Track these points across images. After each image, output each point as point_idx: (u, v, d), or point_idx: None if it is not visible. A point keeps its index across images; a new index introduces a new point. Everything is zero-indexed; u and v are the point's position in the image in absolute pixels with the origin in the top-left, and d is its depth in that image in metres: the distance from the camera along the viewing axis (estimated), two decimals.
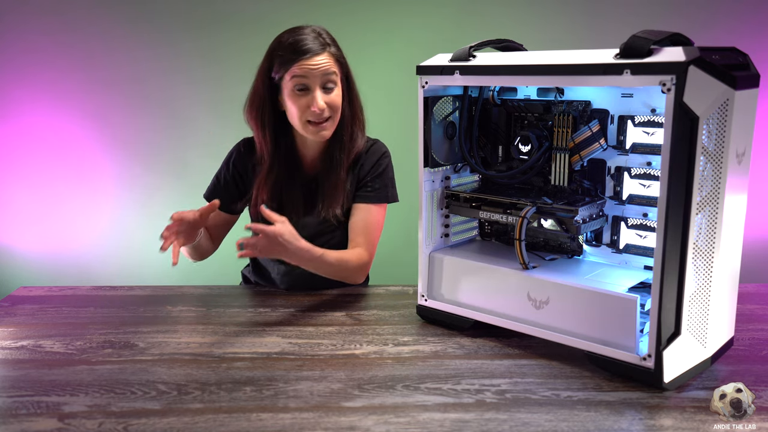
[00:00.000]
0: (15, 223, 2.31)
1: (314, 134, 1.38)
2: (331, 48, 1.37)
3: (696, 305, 0.99)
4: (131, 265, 2.34)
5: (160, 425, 0.91)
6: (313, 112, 1.35)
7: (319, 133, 1.38)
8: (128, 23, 2.17)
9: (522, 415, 0.93)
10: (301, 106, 1.35)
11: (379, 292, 1.45)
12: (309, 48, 1.33)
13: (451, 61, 1.17)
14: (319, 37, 1.36)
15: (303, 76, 1.33)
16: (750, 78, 0.98)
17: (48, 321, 1.29)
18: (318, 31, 1.37)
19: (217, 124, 2.22)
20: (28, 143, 2.25)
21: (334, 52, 1.37)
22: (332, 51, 1.37)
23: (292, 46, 1.34)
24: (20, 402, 0.97)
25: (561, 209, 1.13)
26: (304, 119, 1.37)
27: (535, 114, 1.23)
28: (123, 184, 2.29)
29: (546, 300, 1.11)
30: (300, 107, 1.35)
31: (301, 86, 1.34)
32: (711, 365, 1.05)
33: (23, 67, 2.19)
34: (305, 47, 1.33)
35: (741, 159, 1.00)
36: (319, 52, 1.34)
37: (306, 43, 1.34)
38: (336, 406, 0.96)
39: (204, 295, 1.44)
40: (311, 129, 1.38)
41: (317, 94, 1.34)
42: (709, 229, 0.97)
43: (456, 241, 1.35)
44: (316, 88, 1.34)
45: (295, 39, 1.35)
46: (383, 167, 1.49)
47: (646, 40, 0.95)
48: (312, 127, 1.37)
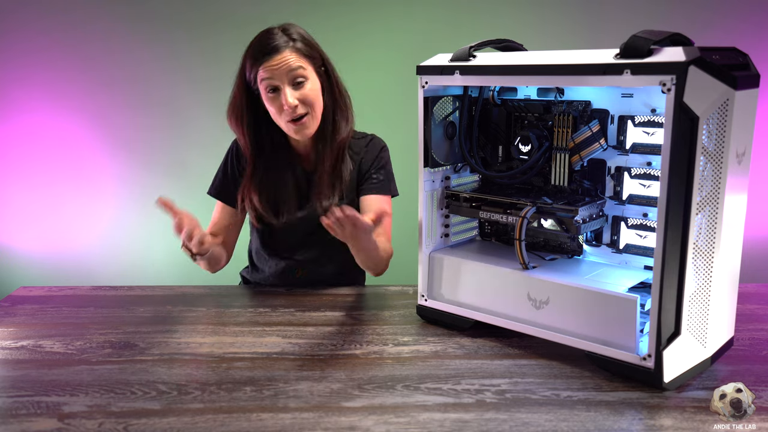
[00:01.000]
0: (15, 223, 2.31)
1: (297, 132, 1.39)
2: (296, 43, 1.36)
3: (696, 305, 0.99)
4: (131, 265, 2.34)
5: (160, 425, 0.91)
6: (287, 111, 1.35)
7: (301, 131, 1.39)
8: (128, 23, 2.17)
9: (522, 415, 0.93)
10: (277, 108, 1.36)
11: (379, 292, 1.45)
12: (271, 47, 1.33)
13: (451, 61, 1.17)
14: (283, 35, 1.35)
15: (269, 77, 1.34)
16: (750, 78, 0.98)
17: (48, 321, 1.29)
18: (284, 28, 1.37)
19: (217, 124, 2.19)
20: (28, 143, 2.25)
21: (300, 47, 1.36)
22: (297, 46, 1.35)
23: (256, 48, 1.35)
24: (20, 402, 0.97)
25: (561, 209, 1.13)
26: (283, 120, 1.38)
27: (535, 114, 1.23)
28: (123, 184, 2.29)
29: (546, 300, 1.11)
30: (276, 109, 1.36)
31: (271, 87, 1.35)
32: (711, 365, 1.05)
33: (23, 67, 2.19)
34: (267, 47, 1.34)
35: (741, 159, 1.00)
36: (281, 49, 1.33)
37: (268, 44, 1.34)
38: (336, 406, 0.96)
39: (204, 295, 1.44)
40: (293, 128, 1.38)
41: (286, 91, 1.34)
42: (709, 229, 0.97)
43: (456, 241, 1.35)
44: (285, 86, 1.34)
45: (258, 41, 1.36)
46: (385, 160, 1.51)
47: (646, 40, 0.95)
48: (293, 125, 1.38)
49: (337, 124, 1.45)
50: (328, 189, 1.43)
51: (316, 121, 1.40)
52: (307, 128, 1.39)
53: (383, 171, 1.50)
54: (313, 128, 1.40)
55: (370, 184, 1.48)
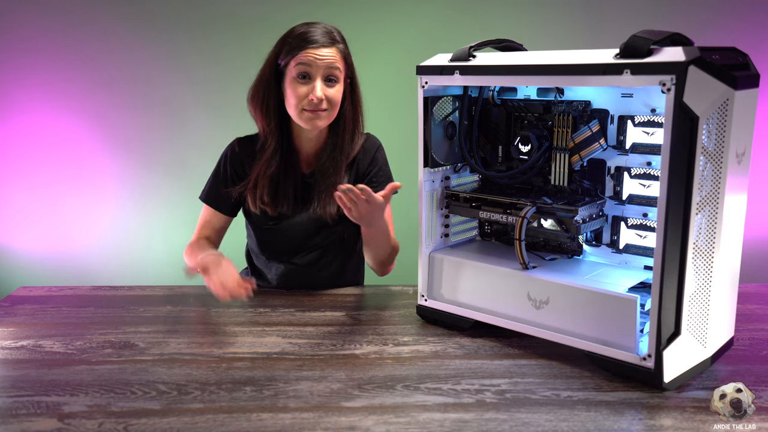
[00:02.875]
0: (15, 223, 2.31)
1: (308, 121, 1.39)
2: (340, 45, 1.39)
3: (696, 305, 0.99)
4: (131, 265, 2.34)
5: (160, 425, 0.91)
6: (311, 101, 1.35)
7: (313, 121, 1.38)
8: (128, 23, 2.17)
9: (522, 415, 0.93)
10: (300, 94, 1.36)
11: (379, 292, 1.45)
12: (317, 39, 1.35)
13: (451, 61, 1.17)
14: (330, 33, 1.38)
15: (307, 64, 1.35)
16: (750, 78, 0.98)
17: (48, 321, 1.29)
18: (330, 29, 1.39)
19: (217, 125, 2.22)
20: (28, 143, 2.25)
21: (342, 50, 1.39)
22: (340, 48, 1.39)
23: (302, 35, 1.36)
24: (20, 402, 0.97)
25: (561, 209, 1.13)
26: (300, 107, 1.37)
27: (535, 114, 1.23)
28: (123, 184, 2.28)
29: (546, 300, 1.11)
30: (299, 95, 1.36)
31: (304, 74, 1.36)
32: (711, 365, 1.05)
33: (23, 67, 2.19)
34: (314, 38, 1.35)
35: (741, 159, 1.00)
36: (327, 45, 1.36)
37: (316, 35, 1.36)
38: (336, 406, 0.96)
39: (204, 295, 1.44)
40: (306, 116, 1.38)
41: (318, 83, 1.35)
42: (709, 229, 0.97)
43: (456, 241, 1.35)
44: (318, 78, 1.36)
45: (306, 29, 1.37)
46: (382, 160, 1.52)
47: (646, 40, 0.95)
48: (307, 113, 1.38)
49: (355, 136, 1.47)
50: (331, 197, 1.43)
51: (329, 121, 1.42)
52: (320, 120, 1.39)
53: (381, 172, 1.51)
54: (323, 125, 1.40)
55: (369, 185, 1.47)
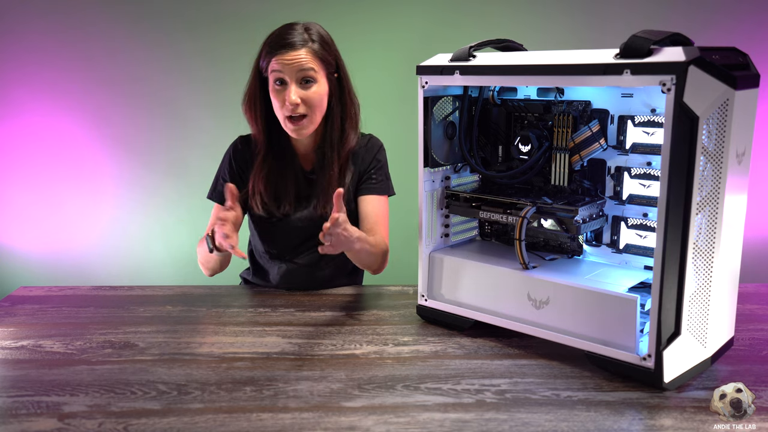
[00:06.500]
0: (15, 223, 2.31)
1: (293, 132, 1.40)
2: (314, 44, 1.36)
3: (696, 305, 0.99)
4: (131, 265, 2.34)
5: (160, 425, 0.91)
6: (287, 107, 1.36)
7: (297, 131, 1.39)
8: (128, 23, 2.17)
9: (522, 415, 0.93)
10: (280, 101, 1.37)
11: (379, 292, 1.45)
12: (288, 42, 1.34)
13: (451, 61, 1.17)
14: (304, 33, 1.36)
15: (279, 70, 1.35)
16: (750, 78, 0.98)
17: (48, 321, 1.29)
18: (307, 27, 1.38)
19: (217, 124, 2.22)
20: (28, 143, 2.25)
21: (316, 48, 1.37)
22: (314, 47, 1.36)
23: (273, 40, 1.36)
24: (20, 402, 0.97)
25: (561, 209, 1.13)
26: (282, 115, 1.38)
27: (535, 114, 1.23)
28: (123, 184, 2.29)
29: (546, 300, 1.11)
30: (279, 102, 1.37)
31: (280, 80, 1.36)
32: (711, 365, 1.05)
33: (23, 67, 2.19)
34: (285, 42, 1.35)
35: (741, 159, 1.00)
36: (298, 47, 1.34)
37: (287, 38, 1.35)
38: (336, 406, 0.96)
39: (204, 295, 1.44)
40: (290, 127, 1.39)
41: (291, 88, 1.35)
42: (709, 229, 0.97)
43: (456, 241, 1.35)
44: (292, 82, 1.35)
45: (278, 33, 1.37)
46: (383, 161, 1.52)
47: (646, 40, 0.95)
48: (290, 125, 1.38)
49: (346, 132, 1.46)
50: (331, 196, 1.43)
51: (314, 125, 1.40)
52: (304, 129, 1.39)
53: (381, 172, 1.51)
54: (309, 130, 1.40)
55: (370, 185, 1.48)
